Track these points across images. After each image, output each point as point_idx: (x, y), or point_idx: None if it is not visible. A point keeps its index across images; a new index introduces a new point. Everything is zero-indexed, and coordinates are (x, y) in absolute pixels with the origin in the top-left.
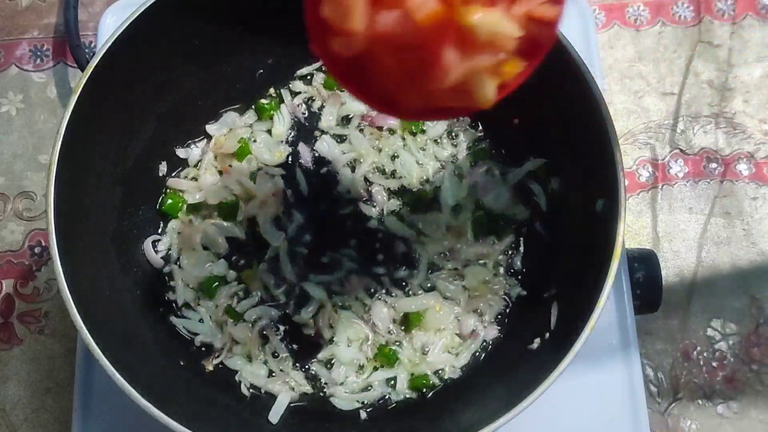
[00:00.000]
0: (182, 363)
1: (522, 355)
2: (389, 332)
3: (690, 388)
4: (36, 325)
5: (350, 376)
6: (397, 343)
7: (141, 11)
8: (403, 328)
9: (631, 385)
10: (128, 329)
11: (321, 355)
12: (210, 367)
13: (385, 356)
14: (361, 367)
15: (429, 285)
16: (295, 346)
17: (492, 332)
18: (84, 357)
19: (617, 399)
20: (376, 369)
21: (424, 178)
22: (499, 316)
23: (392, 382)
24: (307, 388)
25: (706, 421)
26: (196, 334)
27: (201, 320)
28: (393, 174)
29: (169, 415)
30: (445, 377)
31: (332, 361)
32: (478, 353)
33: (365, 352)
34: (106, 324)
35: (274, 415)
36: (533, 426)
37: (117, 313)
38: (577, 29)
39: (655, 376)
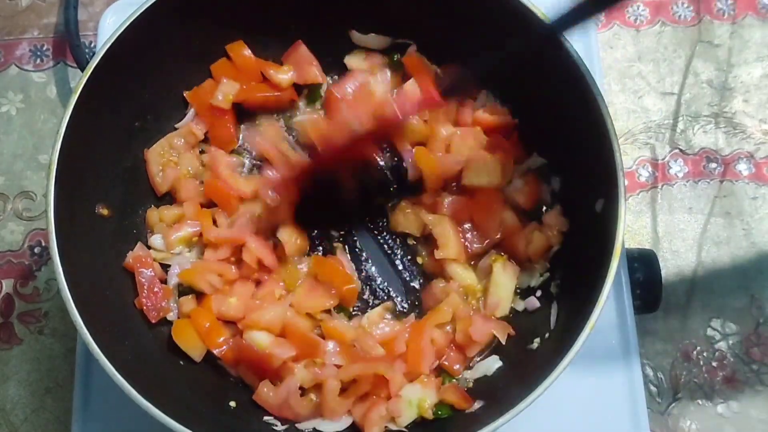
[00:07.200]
0: (181, 363)
1: (522, 355)
2: None
3: (690, 388)
4: (36, 325)
5: None
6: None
7: (141, 11)
8: None
9: (631, 385)
10: (128, 329)
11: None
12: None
13: None
14: None
15: None
16: None
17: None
18: (84, 357)
19: (617, 399)
20: None
21: None
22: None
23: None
24: None
25: (706, 421)
26: None
27: None
28: None
29: (169, 415)
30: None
31: None
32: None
33: None
34: (106, 324)
35: None
36: (533, 426)
37: (117, 313)
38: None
39: (655, 376)
